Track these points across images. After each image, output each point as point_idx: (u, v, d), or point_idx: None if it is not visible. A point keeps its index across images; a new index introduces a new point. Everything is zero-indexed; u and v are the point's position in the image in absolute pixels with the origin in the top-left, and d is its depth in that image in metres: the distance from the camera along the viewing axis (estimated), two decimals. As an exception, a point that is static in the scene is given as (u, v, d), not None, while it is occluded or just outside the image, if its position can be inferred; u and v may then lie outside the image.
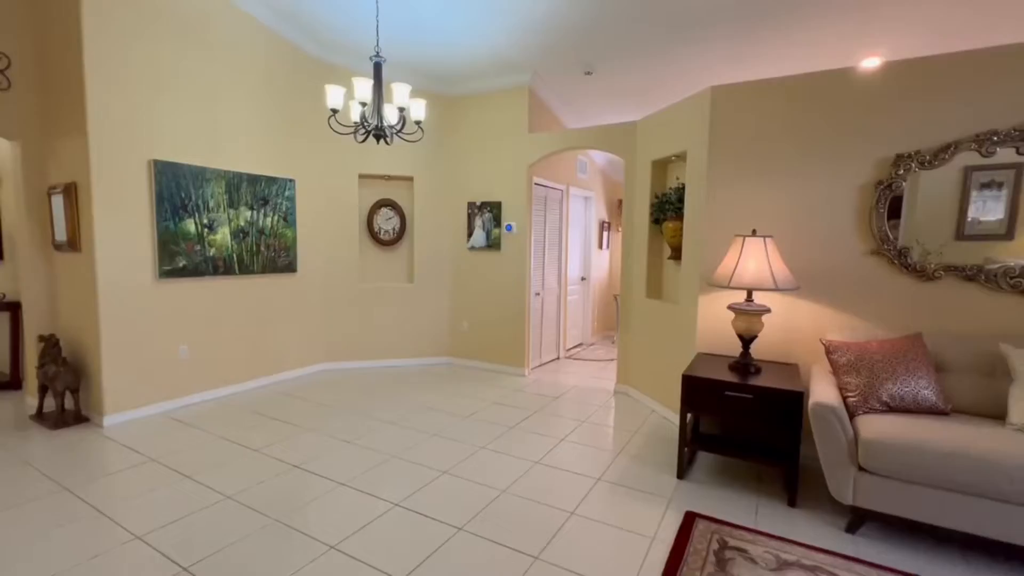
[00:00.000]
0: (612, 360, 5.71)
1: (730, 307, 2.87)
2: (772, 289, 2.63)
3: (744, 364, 2.85)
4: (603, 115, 5.65)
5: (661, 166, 4.05)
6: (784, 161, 3.05)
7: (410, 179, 5.13)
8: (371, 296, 5.07)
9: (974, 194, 2.64)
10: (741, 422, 2.68)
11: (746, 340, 2.86)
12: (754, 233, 2.78)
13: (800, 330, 3.05)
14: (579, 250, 6.28)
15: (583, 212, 6.33)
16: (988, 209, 2.62)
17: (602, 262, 6.96)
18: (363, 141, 3.41)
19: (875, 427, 2.19)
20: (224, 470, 2.80)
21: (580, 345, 6.45)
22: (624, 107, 5.35)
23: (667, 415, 3.75)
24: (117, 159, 3.39)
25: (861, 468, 2.20)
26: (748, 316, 2.80)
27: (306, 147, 4.65)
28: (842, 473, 2.23)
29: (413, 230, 5.17)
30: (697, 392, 2.71)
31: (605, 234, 6.92)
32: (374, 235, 5.10)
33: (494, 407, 3.97)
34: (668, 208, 3.82)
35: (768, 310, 2.78)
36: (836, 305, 2.96)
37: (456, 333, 5.33)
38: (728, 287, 2.73)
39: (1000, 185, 2.59)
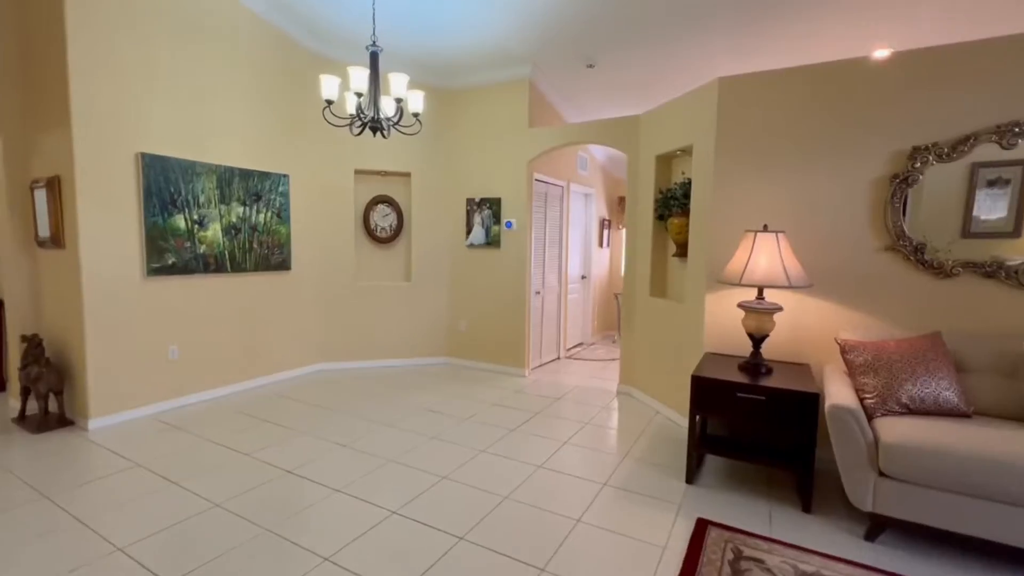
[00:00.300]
0: (613, 360, 5.61)
1: (740, 305, 2.77)
2: (785, 287, 2.53)
3: (755, 364, 2.74)
4: (604, 110, 5.54)
5: (665, 161, 3.94)
6: (795, 154, 2.95)
7: (407, 175, 5.01)
8: (367, 295, 4.95)
9: (981, 191, 2.56)
10: (752, 424, 2.58)
11: (757, 339, 2.76)
12: (765, 228, 2.68)
13: (810, 329, 2.96)
14: (579, 248, 6.17)
15: (583, 209, 6.22)
16: (995, 207, 2.54)
17: (602, 260, 6.86)
18: (359, 134, 3.31)
19: (896, 430, 2.10)
20: (213, 476, 2.68)
21: (580, 345, 6.35)
22: (625, 101, 5.25)
23: (672, 416, 3.65)
24: (102, 152, 3.26)
25: (881, 473, 2.10)
26: (759, 315, 2.70)
27: (301, 142, 4.52)
28: (861, 478, 2.13)
29: (411, 227, 5.06)
30: (707, 393, 2.61)
31: (605, 232, 6.82)
32: (370, 232, 4.98)
33: (494, 409, 3.86)
34: (673, 204, 3.72)
35: (780, 308, 2.68)
36: (848, 303, 2.86)
37: (454, 333, 5.21)
38: (739, 284, 2.63)
39: (1007, 182, 2.52)
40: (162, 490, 2.52)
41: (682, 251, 3.70)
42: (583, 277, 6.33)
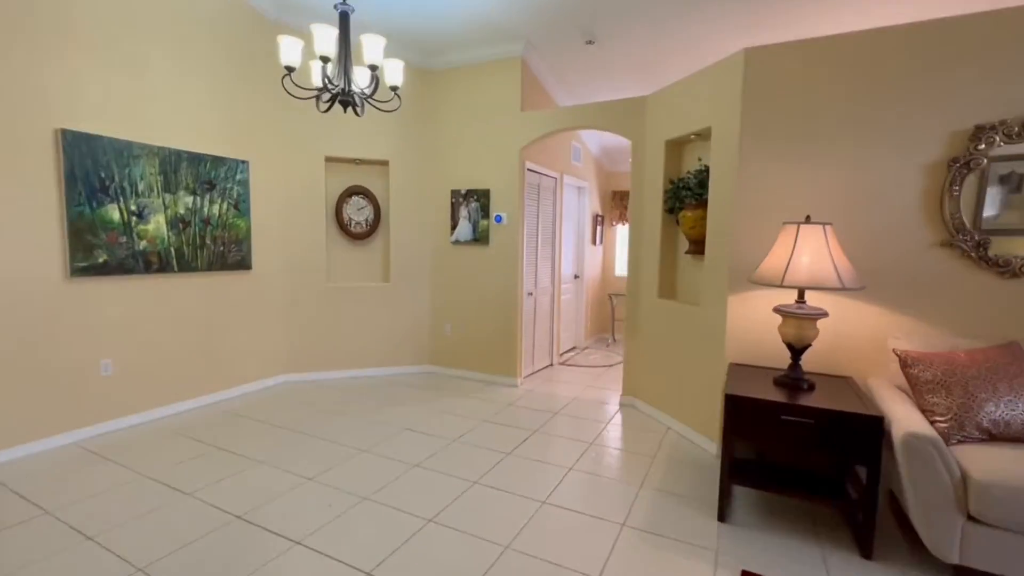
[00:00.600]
0: (610, 366, 5.21)
1: (777, 310, 2.37)
2: (837, 288, 2.14)
3: (795, 379, 2.35)
4: (601, 95, 5.12)
5: (676, 147, 3.54)
6: (833, 136, 2.57)
7: (385, 163, 4.50)
8: (340, 296, 4.43)
9: (991, 189, 2.30)
10: (799, 452, 2.18)
11: (797, 350, 2.36)
12: (808, 220, 2.28)
13: (851, 336, 2.58)
14: (572, 245, 5.75)
15: (576, 203, 5.80)
16: (1008, 202, 2.28)
17: (595, 259, 6.46)
18: (327, 110, 2.82)
19: (987, 464, 1.72)
20: (141, 526, 2.15)
21: (574, 349, 5.93)
22: (625, 85, 4.84)
23: (687, 433, 3.25)
24: (10, 127, 2.68)
25: (970, 517, 1.72)
26: (800, 321, 2.31)
27: (262, 123, 3.97)
28: (945, 524, 1.75)
29: (389, 222, 4.55)
30: (744, 415, 2.20)
31: (599, 228, 6.42)
32: (343, 227, 4.46)
33: (485, 426, 3.40)
34: (686, 195, 3.31)
35: (825, 314, 2.29)
36: (896, 306, 2.50)
37: (438, 338, 4.73)
38: (780, 286, 2.22)
39: (1021, 177, 2.23)
40: (71, 549, 1.99)
41: (696, 247, 3.30)
42: (576, 276, 5.91)
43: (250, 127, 3.89)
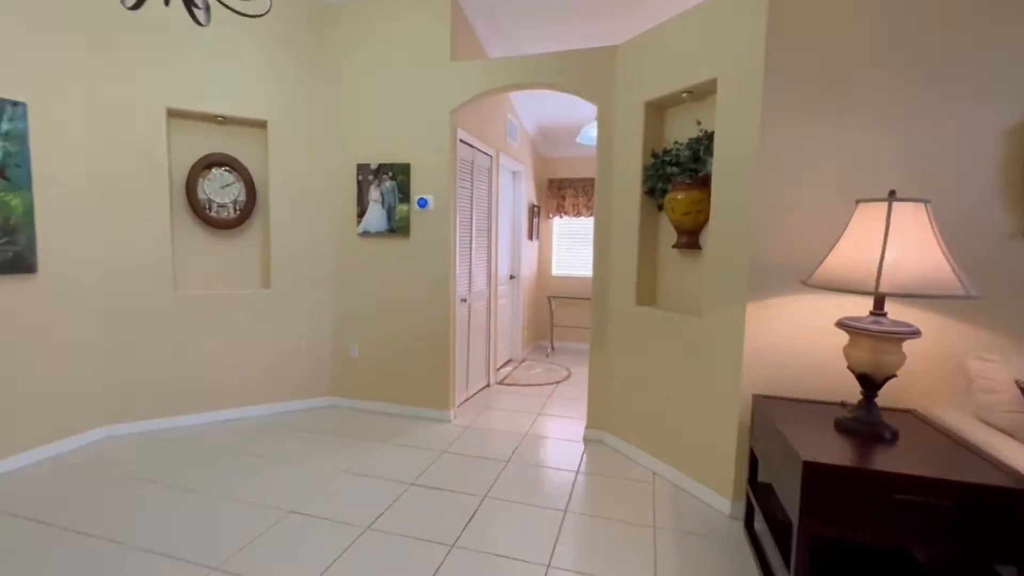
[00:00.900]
0: (556, 384, 4.39)
1: (843, 325, 1.66)
2: (960, 296, 1.44)
3: (871, 425, 1.65)
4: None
5: (658, 111, 2.77)
6: (886, 88, 1.93)
7: (263, 124, 3.27)
8: (197, 309, 3.13)
9: None
10: (912, 542, 1.45)
11: (875, 384, 1.66)
12: (893, 195, 1.58)
13: (910, 354, 1.96)
14: (508, 240, 4.85)
15: (511, 190, 4.92)
16: None
17: (531, 256, 5.62)
18: (135, 5, 1.69)
19: None
20: None
21: (510, 362, 5.04)
22: (573, 42, 4.01)
23: (681, 482, 2.49)
24: None
25: None
26: (879, 343, 1.60)
27: (51, 44, 2.59)
28: None
29: (268, 205, 3.32)
30: (834, 492, 1.43)
31: (535, 220, 5.59)
32: (199, 211, 3.15)
33: (412, 495, 2.38)
34: (674, 172, 2.56)
35: (917, 332, 1.59)
36: (965, 315, 1.91)
37: (343, 361, 3.58)
38: (874, 293, 1.49)
39: None
40: None
41: (689, 240, 2.55)
42: (512, 277, 5.03)
43: (28, 47, 2.49)
